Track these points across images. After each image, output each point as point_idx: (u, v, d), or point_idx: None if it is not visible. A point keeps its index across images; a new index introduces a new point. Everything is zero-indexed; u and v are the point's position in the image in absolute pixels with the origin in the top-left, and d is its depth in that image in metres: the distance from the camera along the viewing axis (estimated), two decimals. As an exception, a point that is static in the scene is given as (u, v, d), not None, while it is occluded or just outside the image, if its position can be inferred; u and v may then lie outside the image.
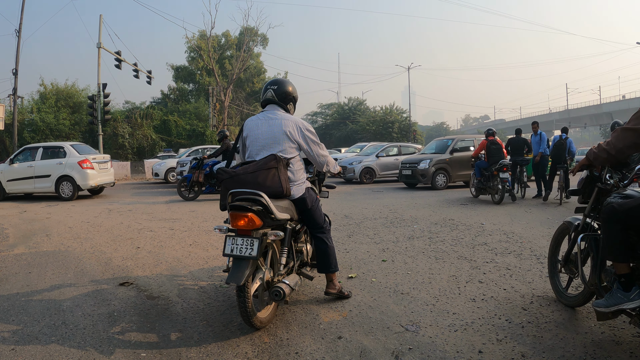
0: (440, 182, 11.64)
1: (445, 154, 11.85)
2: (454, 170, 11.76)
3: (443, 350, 2.14)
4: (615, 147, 2.06)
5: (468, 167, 11.34)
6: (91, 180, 9.84)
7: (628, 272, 2.00)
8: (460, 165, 11.77)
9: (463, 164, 11.69)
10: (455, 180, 11.98)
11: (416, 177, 11.70)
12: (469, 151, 11.83)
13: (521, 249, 4.31)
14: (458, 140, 12.40)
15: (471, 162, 9.36)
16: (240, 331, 2.39)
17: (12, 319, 2.65)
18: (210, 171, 9.01)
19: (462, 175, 11.96)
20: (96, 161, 10.14)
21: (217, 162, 9.11)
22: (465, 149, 12.12)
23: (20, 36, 18.25)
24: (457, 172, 11.83)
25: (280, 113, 2.65)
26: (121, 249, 4.58)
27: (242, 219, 2.21)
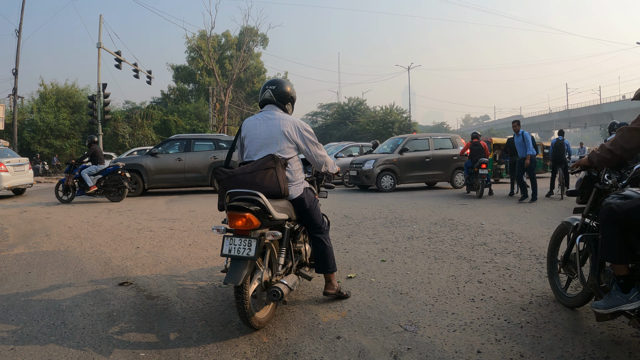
0: (387, 184, 10.90)
1: (394, 153, 11.17)
2: (402, 171, 11.00)
3: (442, 350, 2.14)
4: (622, 148, 2.04)
5: (420, 167, 10.96)
6: (5, 182, 10.14)
7: (627, 273, 2.00)
8: (410, 166, 11.07)
9: (414, 165, 11.04)
10: (405, 182, 11.26)
11: (361, 178, 11.02)
12: (423, 151, 11.27)
13: (520, 249, 4.31)
14: (410, 140, 11.68)
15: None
16: (239, 331, 2.39)
17: (12, 318, 2.66)
18: (79, 176, 9.05)
19: (414, 177, 11.20)
20: (11, 164, 10.44)
21: (86, 166, 9.16)
22: (419, 148, 11.42)
23: (20, 36, 18.26)
24: (407, 174, 11.08)
25: (278, 113, 2.65)
26: (121, 249, 4.58)
27: (239, 219, 2.22)
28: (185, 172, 10.49)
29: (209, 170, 10.45)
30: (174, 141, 11.21)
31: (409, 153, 11.17)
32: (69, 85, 30.23)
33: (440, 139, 11.85)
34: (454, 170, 11.49)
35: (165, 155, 10.60)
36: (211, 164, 10.45)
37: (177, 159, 10.50)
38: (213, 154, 10.60)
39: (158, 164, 10.40)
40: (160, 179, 10.45)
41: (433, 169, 11.30)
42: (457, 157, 11.21)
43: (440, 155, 11.37)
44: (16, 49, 18.19)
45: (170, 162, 10.48)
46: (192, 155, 10.62)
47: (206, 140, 11.18)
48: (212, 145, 10.90)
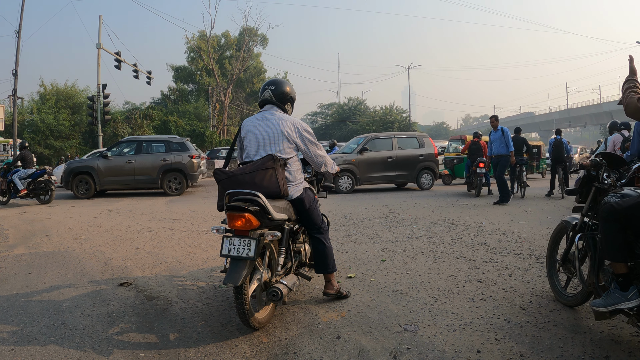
0: (345, 185, 10.41)
1: (353, 153, 10.70)
2: (362, 172, 10.50)
3: (441, 350, 2.14)
4: None
5: (382, 168, 10.46)
6: None
7: (626, 271, 2.00)
8: (371, 167, 10.55)
9: (375, 165, 10.54)
10: (366, 183, 10.77)
11: None
12: (386, 151, 10.79)
13: (520, 248, 4.31)
14: (371, 139, 11.16)
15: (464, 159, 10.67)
16: (238, 331, 2.39)
17: (12, 319, 2.66)
18: (11, 179, 9.09)
19: (375, 178, 10.67)
20: None
21: (17, 170, 9.20)
22: (381, 148, 10.87)
23: (20, 37, 18.26)
24: (367, 174, 10.56)
25: (278, 113, 2.65)
26: (121, 250, 4.59)
27: (239, 220, 2.22)
28: (135, 175, 10.43)
29: (158, 172, 10.38)
30: (126, 143, 11.12)
31: (369, 153, 10.67)
32: (68, 86, 30.25)
33: (405, 139, 11.36)
34: (421, 171, 10.98)
35: (117, 158, 10.53)
36: (161, 167, 10.40)
37: (127, 161, 10.44)
38: (163, 157, 10.51)
39: (109, 166, 10.36)
40: (111, 181, 10.43)
41: (397, 170, 10.80)
42: (424, 157, 10.90)
43: (405, 156, 10.83)
44: (16, 49, 18.19)
45: (121, 165, 10.42)
46: (142, 157, 10.52)
47: (157, 142, 11.05)
48: (163, 148, 10.80)
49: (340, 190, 10.34)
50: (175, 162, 10.39)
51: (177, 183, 10.43)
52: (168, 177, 10.43)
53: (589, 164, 2.47)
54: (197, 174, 10.61)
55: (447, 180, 13.53)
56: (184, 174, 10.37)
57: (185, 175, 10.36)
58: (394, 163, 10.77)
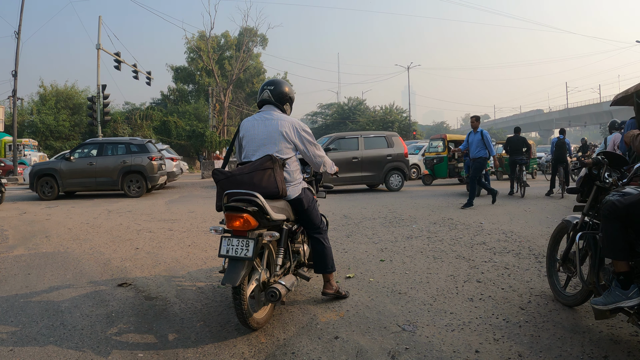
0: None
1: None
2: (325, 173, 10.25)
3: (440, 350, 2.14)
4: None
5: (347, 169, 10.00)
6: None
7: (627, 270, 2.00)
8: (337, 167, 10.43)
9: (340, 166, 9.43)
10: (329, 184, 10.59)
11: None
12: (351, 151, 10.40)
13: (520, 248, 4.31)
14: (335, 139, 10.83)
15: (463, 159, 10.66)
16: (237, 331, 2.40)
17: (11, 320, 2.66)
18: None
19: (339, 179, 9.91)
20: None
21: None
22: (347, 148, 10.55)
23: (19, 38, 18.27)
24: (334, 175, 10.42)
25: (276, 113, 2.65)
26: (120, 250, 4.59)
27: (237, 220, 2.22)
28: (96, 177, 10.49)
29: (118, 174, 10.43)
30: (89, 145, 11.20)
31: (333, 153, 10.27)
32: (68, 87, 30.30)
33: (372, 138, 10.86)
34: (389, 172, 10.61)
35: (79, 160, 10.60)
36: (121, 168, 10.44)
37: (89, 164, 10.50)
38: (123, 158, 10.56)
39: (72, 168, 10.40)
40: (73, 182, 10.48)
41: (363, 170, 10.37)
42: (393, 157, 10.56)
43: (371, 156, 10.41)
44: (15, 50, 18.21)
45: (83, 167, 10.47)
46: (103, 159, 10.57)
47: (118, 144, 11.09)
48: (123, 149, 10.85)
49: None
50: (135, 164, 10.45)
51: (137, 185, 10.49)
52: (128, 178, 10.51)
53: (590, 162, 2.47)
54: (157, 176, 10.62)
55: (428, 181, 13.24)
56: (143, 176, 10.45)
57: (145, 177, 10.44)
58: (359, 163, 10.36)
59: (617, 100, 6.38)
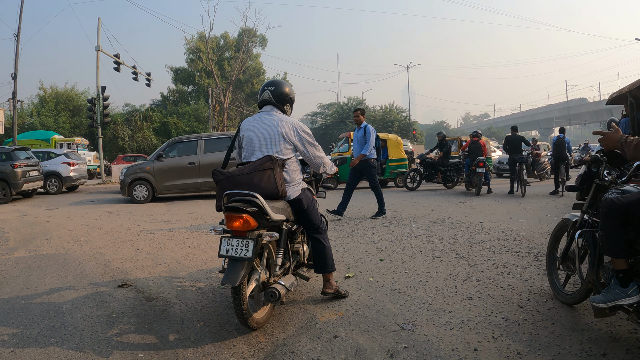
0: (140, 194, 9.43)
1: (150, 160, 9.69)
2: (160, 181, 9.42)
3: (438, 349, 2.15)
4: None
5: (184, 175, 9.45)
6: None
7: (626, 267, 2.00)
8: (170, 174, 9.44)
9: (176, 172, 9.43)
10: (166, 192, 9.63)
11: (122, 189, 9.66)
12: (189, 156, 9.65)
13: (519, 246, 4.32)
14: (173, 143, 10.07)
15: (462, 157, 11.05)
16: (237, 331, 2.41)
17: (12, 321, 2.67)
18: None
19: (176, 186, 9.53)
20: None
21: None
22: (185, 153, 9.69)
23: (19, 40, 18.29)
24: (166, 183, 9.46)
25: (276, 114, 2.66)
26: (120, 251, 4.60)
27: (237, 220, 2.23)
28: None
29: None
30: None
31: (169, 159, 9.60)
32: (68, 89, 30.35)
33: (214, 140, 9.85)
34: None
35: None
36: None
37: None
38: None
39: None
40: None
41: (202, 176, 9.41)
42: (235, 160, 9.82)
43: (211, 161, 9.44)
44: (15, 53, 18.23)
45: None
46: None
47: None
48: None
49: (136, 200, 9.42)
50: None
51: (2, 192, 10.52)
52: None
53: (589, 160, 2.48)
54: (20, 182, 10.63)
55: (332, 184, 11.90)
56: (7, 183, 10.49)
57: (8, 183, 10.47)
58: (197, 169, 9.43)
59: (612, 99, 6.38)
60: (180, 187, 9.62)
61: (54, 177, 12.49)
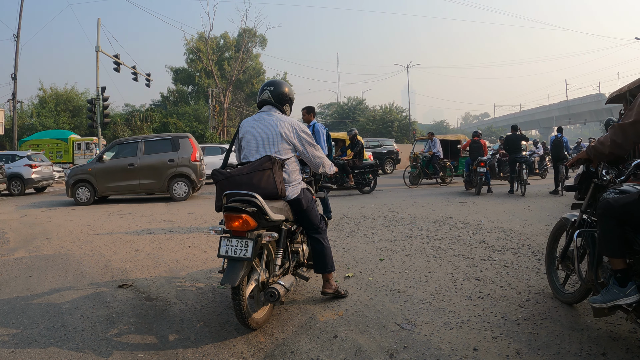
0: (82, 196, 9.37)
1: (92, 162, 9.71)
2: (101, 182, 9.36)
3: (438, 348, 2.15)
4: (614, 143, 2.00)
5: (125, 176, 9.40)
6: None
7: (624, 267, 2.00)
8: (111, 175, 9.40)
9: (117, 174, 9.41)
10: (107, 193, 9.62)
11: None
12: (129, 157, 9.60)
13: (519, 246, 4.32)
14: (115, 144, 10.02)
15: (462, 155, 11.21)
16: (236, 331, 2.41)
17: (12, 322, 2.68)
18: None
19: (118, 188, 9.52)
20: None
21: None
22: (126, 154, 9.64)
23: (18, 41, 18.31)
24: (108, 184, 9.40)
25: (276, 114, 2.67)
26: (120, 252, 4.60)
27: (236, 220, 2.23)
28: None
29: None
30: None
31: (111, 161, 9.62)
32: (68, 89, 30.36)
33: (154, 142, 9.81)
34: (172, 179, 9.53)
35: None
36: None
37: None
38: None
39: None
40: None
41: (141, 178, 9.41)
42: (175, 162, 9.52)
43: (150, 162, 9.43)
44: (15, 53, 18.25)
45: None
46: None
47: None
48: None
49: (80, 202, 9.39)
50: None
51: None
52: None
53: (583, 154, 2.47)
54: None
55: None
56: None
57: None
58: (137, 170, 9.41)
59: (612, 99, 6.39)
60: (120, 189, 9.61)
61: (17, 179, 12.56)
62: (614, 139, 2.02)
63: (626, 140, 1.98)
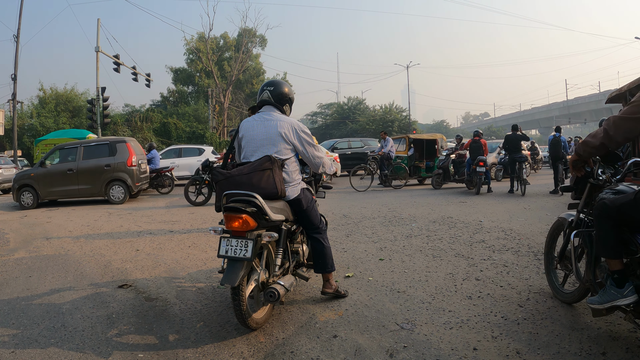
0: (27, 200, 9.35)
1: (34, 167, 9.74)
2: (42, 187, 9.36)
3: (438, 348, 2.15)
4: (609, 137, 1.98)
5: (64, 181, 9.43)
6: None
7: (621, 268, 1.99)
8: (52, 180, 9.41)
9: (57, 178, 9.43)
10: (49, 198, 9.58)
11: None
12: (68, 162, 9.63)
13: (519, 245, 4.32)
14: (56, 149, 9.95)
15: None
16: (236, 331, 2.41)
17: (13, 322, 2.68)
18: None
19: (59, 192, 9.54)
20: None
21: None
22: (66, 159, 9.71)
23: (18, 42, 18.31)
24: (49, 189, 9.42)
25: (276, 114, 2.67)
26: (120, 252, 4.60)
27: (236, 221, 2.23)
28: None
29: None
30: None
31: (53, 166, 9.62)
32: (68, 90, 30.32)
33: (93, 146, 9.85)
34: (109, 183, 9.53)
35: None
36: None
37: None
38: None
39: None
40: None
41: (80, 183, 9.49)
42: (112, 166, 9.56)
43: (88, 166, 9.52)
44: (15, 54, 18.25)
45: None
46: None
47: None
48: None
49: (24, 206, 9.32)
50: None
51: None
52: None
53: (574, 157, 2.47)
54: None
55: None
56: None
57: None
58: (76, 175, 9.48)
59: (611, 98, 6.37)
60: (61, 193, 9.69)
61: None
62: (607, 130, 1.99)
63: (617, 133, 1.95)
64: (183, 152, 15.08)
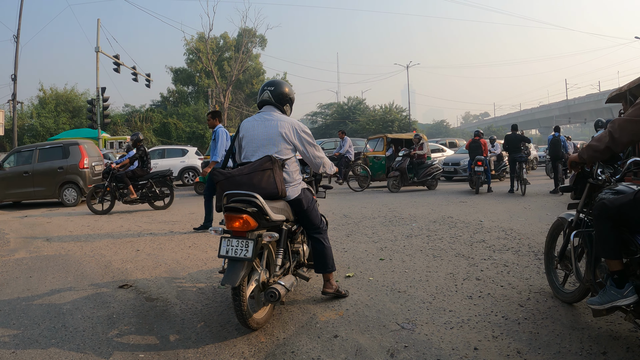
0: None
1: None
2: (0, 189, 9.52)
3: (438, 348, 2.15)
4: (614, 140, 1.97)
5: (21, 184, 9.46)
6: None
7: (621, 268, 1.99)
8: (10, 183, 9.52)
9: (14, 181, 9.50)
10: (5, 200, 9.75)
11: None
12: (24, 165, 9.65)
13: (519, 245, 4.32)
14: (15, 152, 10.04)
15: None
16: (237, 331, 2.41)
17: (13, 322, 2.68)
18: None
19: (15, 195, 9.62)
20: None
21: None
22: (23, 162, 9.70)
23: (18, 42, 18.31)
24: (7, 191, 9.57)
25: (276, 114, 2.67)
26: (121, 252, 4.60)
27: (237, 221, 2.23)
28: None
29: None
30: None
31: (10, 168, 9.71)
32: (68, 90, 30.31)
33: (47, 149, 9.88)
34: (62, 185, 9.53)
35: None
36: None
37: None
38: None
39: None
40: None
41: (35, 185, 9.52)
42: (64, 169, 9.57)
43: (42, 169, 9.56)
44: (15, 54, 18.25)
45: None
46: None
47: None
48: None
49: None
50: None
51: None
52: None
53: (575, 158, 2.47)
54: None
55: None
56: None
57: None
58: (31, 178, 9.53)
59: (611, 98, 6.37)
60: (17, 195, 9.79)
61: None
62: (612, 133, 2.00)
63: (623, 135, 1.95)
64: (167, 153, 14.85)
